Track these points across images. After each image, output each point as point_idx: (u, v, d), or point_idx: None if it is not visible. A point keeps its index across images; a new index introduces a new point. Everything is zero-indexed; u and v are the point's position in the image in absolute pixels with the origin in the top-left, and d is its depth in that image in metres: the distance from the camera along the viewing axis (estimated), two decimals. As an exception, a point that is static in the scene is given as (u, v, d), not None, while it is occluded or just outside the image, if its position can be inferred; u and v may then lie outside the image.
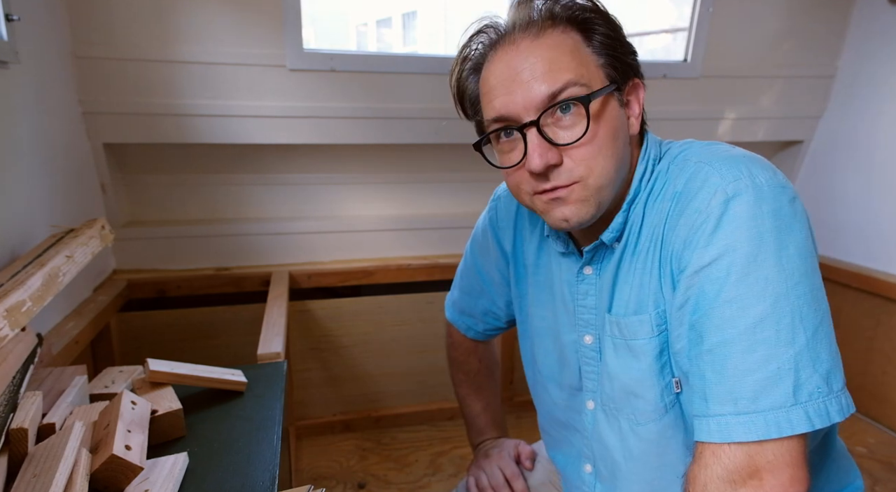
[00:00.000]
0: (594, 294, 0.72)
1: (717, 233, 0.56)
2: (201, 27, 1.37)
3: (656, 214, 0.65)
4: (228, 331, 1.66)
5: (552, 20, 0.62)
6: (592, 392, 0.75)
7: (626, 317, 0.67)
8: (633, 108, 0.67)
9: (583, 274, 0.73)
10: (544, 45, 0.62)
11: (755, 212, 0.55)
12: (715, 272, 0.55)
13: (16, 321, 0.69)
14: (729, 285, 0.54)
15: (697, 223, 0.57)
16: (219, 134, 1.46)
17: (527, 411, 1.97)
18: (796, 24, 1.75)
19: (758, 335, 0.53)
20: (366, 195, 1.77)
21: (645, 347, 0.65)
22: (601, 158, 0.62)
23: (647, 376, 0.66)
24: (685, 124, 1.78)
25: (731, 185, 0.56)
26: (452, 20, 9.53)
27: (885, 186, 1.74)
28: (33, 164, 1.10)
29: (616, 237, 0.68)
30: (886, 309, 1.74)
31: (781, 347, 0.52)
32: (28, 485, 0.55)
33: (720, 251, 0.55)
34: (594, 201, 0.63)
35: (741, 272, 0.54)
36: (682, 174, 0.63)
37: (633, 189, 0.67)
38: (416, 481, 1.62)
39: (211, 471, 0.68)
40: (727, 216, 0.56)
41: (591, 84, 0.62)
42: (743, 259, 0.54)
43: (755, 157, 0.61)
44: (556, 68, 0.61)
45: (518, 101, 0.61)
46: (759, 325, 0.53)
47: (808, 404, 0.51)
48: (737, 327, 0.53)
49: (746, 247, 0.54)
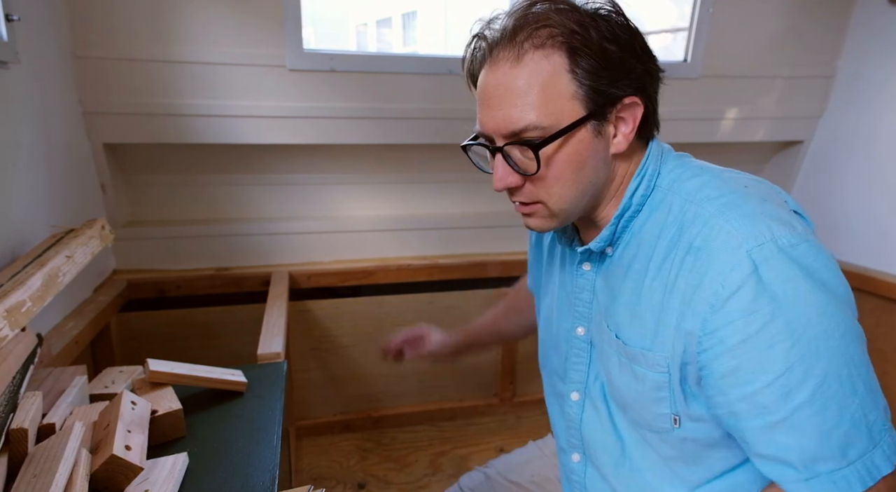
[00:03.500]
0: (590, 290, 0.75)
1: (754, 302, 0.56)
2: (201, 27, 1.37)
3: (662, 247, 0.65)
4: (228, 331, 1.66)
5: (534, 42, 0.61)
6: (577, 383, 0.77)
7: (633, 347, 0.68)
8: (626, 125, 0.65)
9: (581, 269, 0.75)
10: (518, 74, 0.61)
11: (786, 275, 0.56)
12: (760, 342, 0.56)
13: (16, 321, 0.69)
14: (781, 353, 0.56)
15: (725, 293, 0.57)
16: (219, 134, 1.46)
17: (527, 411, 1.97)
18: (796, 24, 1.75)
19: (826, 392, 0.55)
20: (366, 195, 1.77)
21: (645, 375, 0.67)
22: (558, 187, 0.65)
23: (645, 397, 0.68)
24: (685, 124, 1.78)
25: (756, 250, 0.57)
26: (452, 20, 9.53)
27: (885, 186, 1.74)
28: (33, 164, 1.10)
29: (604, 246, 0.70)
30: (886, 309, 1.74)
31: (848, 398, 0.55)
32: (28, 485, 0.55)
33: (763, 322, 0.56)
34: (558, 219, 0.68)
35: (791, 338, 0.55)
36: (695, 221, 0.62)
37: (622, 204, 0.68)
38: (416, 481, 1.62)
39: (211, 471, 0.68)
40: (757, 285, 0.56)
41: (559, 121, 0.61)
42: (791, 328, 0.55)
43: (772, 210, 0.61)
44: (522, 104, 0.61)
45: (489, 124, 0.65)
46: (824, 383, 0.55)
47: (881, 443, 0.56)
48: (804, 391, 0.55)
49: (786, 315, 0.55)
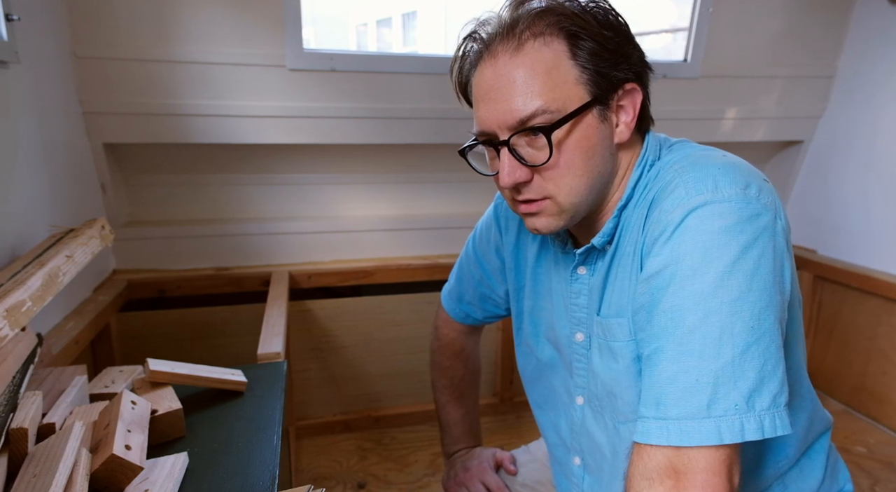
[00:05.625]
0: (586, 294, 0.73)
1: (667, 243, 0.57)
2: (201, 27, 1.37)
3: (637, 218, 0.66)
4: (228, 331, 1.66)
5: (533, 31, 0.61)
6: (582, 388, 0.77)
7: (608, 318, 0.68)
8: (626, 113, 0.65)
9: (577, 274, 0.74)
10: (521, 63, 0.61)
11: (707, 226, 0.56)
12: (659, 281, 0.57)
13: (16, 321, 0.69)
14: (668, 295, 0.56)
15: (656, 234, 0.59)
16: (219, 134, 1.46)
17: (527, 411, 1.96)
18: (796, 24, 1.75)
19: (685, 346, 0.54)
20: (366, 195, 1.77)
21: (623, 349, 0.67)
22: (570, 177, 0.63)
23: (624, 376, 0.67)
24: (685, 124, 1.78)
25: (694, 198, 0.57)
26: (452, 20, 9.53)
27: (885, 186, 1.74)
28: (33, 164, 1.10)
29: (607, 241, 0.69)
30: (886, 309, 1.74)
31: (705, 361, 0.53)
32: (28, 485, 0.55)
33: (666, 262, 0.57)
34: (566, 215, 0.66)
35: (679, 284, 0.56)
36: (659, 181, 0.64)
37: (625, 195, 0.68)
38: (416, 481, 1.62)
39: (211, 471, 0.68)
40: (680, 228, 0.57)
41: (566, 105, 0.61)
42: (684, 271, 0.56)
43: (741, 168, 0.60)
44: (527, 91, 0.61)
45: (493, 119, 0.63)
46: (687, 336, 0.54)
47: (721, 419, 0.52)
48: (669, 336, 0.55)
49: (689, 259, 0.56)
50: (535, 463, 0.97)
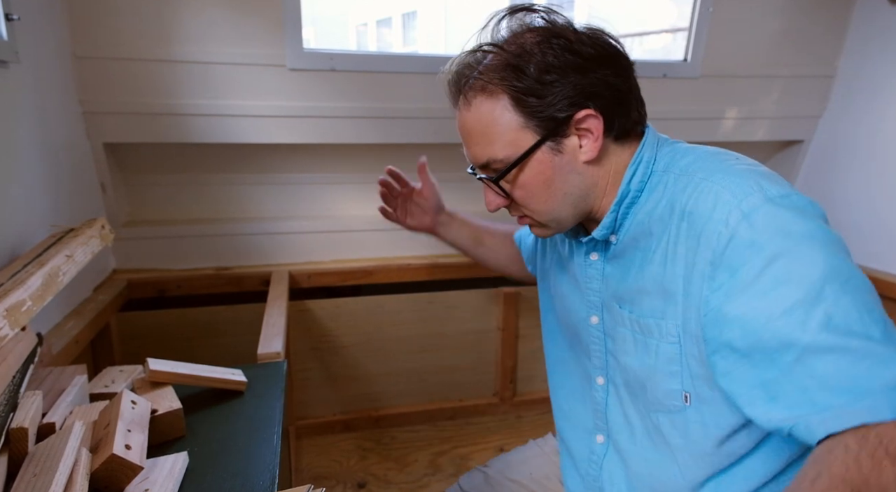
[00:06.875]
0: (598, 278, 0.77)
1: (750, 248, 0.57)
2: (201, 27, 1.37)
3: (658, 221, 0.67)
4: (228, 331, 1.66)
5: (477, 86, 0.67)
6: (601, 369, 0.80)
7: (644, 318, 0.69)
8: (588, 137, 0.68)
9: (589, 259, 0.78)
10: (471, 116, 0.69)
11: (777, 221, 0.57)
12: (764, 285, 0.56)
13: (16, 321, 0.69)
14: (788, 292, 0.55)
15: (720, 247, 0.59)
16: (219, 134, 1.46)
17: (527, 411, 1.97)
18: (796, 24, 1.75)
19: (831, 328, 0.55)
20: (366, 195, 1.76)
21: (659, 347, 0.68)
22: (535, 204, 0.71)
23: (658, 372, 0.69)
24: (685, 124, 1.78)
25: (745, 201, 0.58)
26: (452, 20, 9.53)
27: (886, 186, 1.74)
28: (33, 164, 1.10)
29: (608, 234, 0.73)
30: (887, 309, 1.73)
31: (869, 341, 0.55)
32: (28, 484, 0.55)
33: (762, 266, 0.56)
34: (550, 227, 0.74)
35: (788, 278, 0.55)
36: (686, 188, 0.65)
37: (620, 191, 0.70)
38: (416, 481, 1.62)
39: (211, 471, 0.69)
40: (752, 231, 0.57)
41: (515, 151, 0.67)
42: (784, 264, 0.56)
43: (761, 170, 0.64)
44: (479, 142, 0.70)
45: (469, 158, 0.74)
46: (830, 320, 0.55)
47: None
48: (808, 331, 0.54)
49: (786, 254, 0.56)
50: (544, 457, 1.00)
